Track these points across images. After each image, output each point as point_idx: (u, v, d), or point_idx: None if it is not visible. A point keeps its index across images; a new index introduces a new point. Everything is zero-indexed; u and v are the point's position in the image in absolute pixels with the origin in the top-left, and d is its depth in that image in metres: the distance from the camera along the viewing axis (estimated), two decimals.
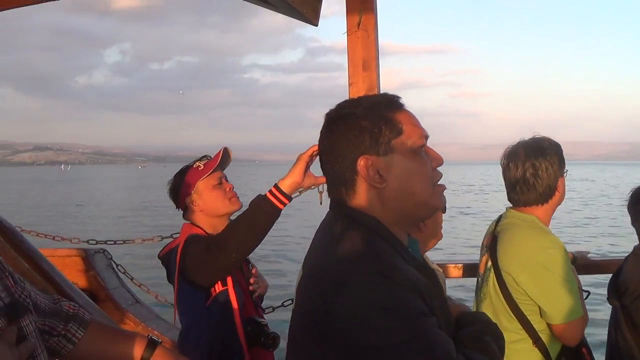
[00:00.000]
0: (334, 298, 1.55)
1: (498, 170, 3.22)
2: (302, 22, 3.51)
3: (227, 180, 3.36)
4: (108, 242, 5.82)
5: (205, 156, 3.38)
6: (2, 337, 1.51)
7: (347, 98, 2.13)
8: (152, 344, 2.01)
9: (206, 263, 2.99)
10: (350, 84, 3.33)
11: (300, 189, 3.00)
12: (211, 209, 3.28)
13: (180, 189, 3.34)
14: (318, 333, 1.59)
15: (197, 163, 3.33)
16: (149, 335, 2.07)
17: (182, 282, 3.10)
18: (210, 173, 3.28)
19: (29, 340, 1.63)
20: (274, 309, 4.75)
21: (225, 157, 3.34)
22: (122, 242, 6.08)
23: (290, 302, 4.93)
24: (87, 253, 4.97)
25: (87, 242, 5.87)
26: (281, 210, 2.90)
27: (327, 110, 1.84)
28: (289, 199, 2.90)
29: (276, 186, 2.87)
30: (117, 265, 5.30)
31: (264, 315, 3.44)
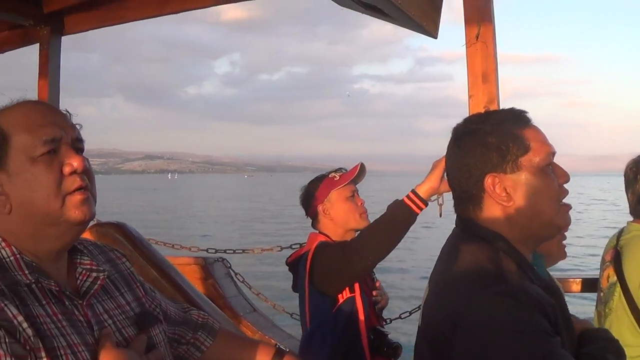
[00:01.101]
0: (459, 316, 1.57)
1: (612, 182, 3.16)
2: (410, 32, 3.54)
3: (358, 195, 3.43)
4: (227, 251, 5.95)
5: (340, 168, 3.48)
6: (132, 346, 1.61)
7: (465, 110, 2.12)
8: (279, 353, 2.02)
9: (342, 265, 3.08)
10: (470, 97, 3.31)
11: (436, 196, 3.04)
12: (341, 220, 3.35)
13: (313, 197, 3.42)
14: (443, 349, 1.61)
15: (333, 174, 3.42)
16: (276, 344, 2.09)
17: (311, 287, 3.19)
18: (345, 185, 3.36)
19: (158, 350, 1.70)
20: (390, 320, 4.75)
21: (360, 172, 3.41)
22: (241, 251, 6.18)
23: (407, 314, 5.12)
24: (207, 262, 5.10)
25: (207, 250, 5.99)
26: (417, 215, 2.97)
27: (436, 121, 1.85)
28: (426, 204, 2.97)
29: (414, 191, 2.95)
30: (235, 274, 5.44)
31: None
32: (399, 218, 2.98)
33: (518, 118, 1.82)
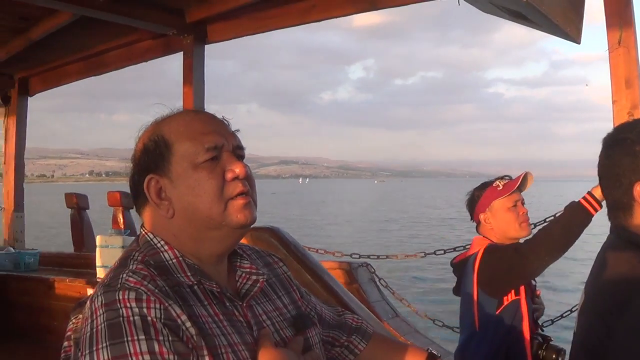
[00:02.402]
0: (615, 321, 1.58)
1: None
2: (544, 35, 3.50)
3: (522, 204, 3.44)
4: (371, 257, 5.99)
5: (505, 176, 3.50)
6: (290, 347, 1.64)
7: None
8: (431, 358, 1.99)
9: (514, 265, 3.13)
10: (613, 102, 3.30)
11: None
12: (501, 230, 3.39)
13: (476, 204, 3.48)
14: (599, 355, 1.62)
15: (497, 182, 3.44)
16: (428, 349, 2.09)
17: (477, 288, 3.23)
18: (508, 195, 3.38)
19: (314, 351, 1.73)
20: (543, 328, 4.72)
21: (524, 181, 3.41)
22: (385, 257, 6.26)
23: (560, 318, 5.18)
24: (351, 266, 5.18)
25: (351, 255, 6.08)
26: (593, 216, 2.97)
27: (573, 126, 1.86)
28: (601, 206, 2.94)
29: (590, 193, 2.94)
30: (379, 279, 5.49)
31: None
32: (575, 219, 3.01)
33: None
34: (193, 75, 5.45)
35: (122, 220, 6.89)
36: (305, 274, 3.97)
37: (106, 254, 5.59)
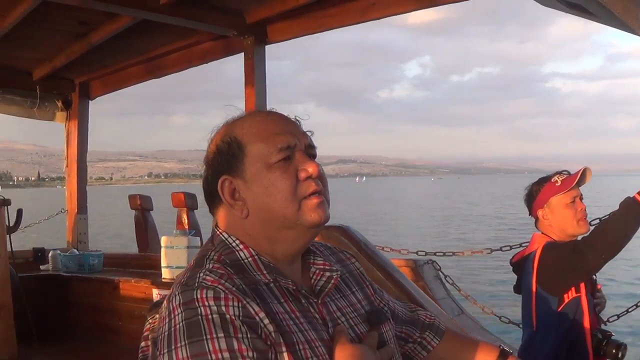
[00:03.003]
0: None
1: None
2: (598, 28, 3.47)
3: (581, 200, 3.41)
4: (437, 254, 6.02)
5: (563, 171, 3.46)
6: (365, 342, 1.65)
7: None
8: (503, 354, 2.00)
9: (573, 263, 3.12)
10: None
11: None
12: (559, 226, 3.37)
13: (534, 200, 3.46)
14: None
15: (555, 177, 3.41)
16: (500, 345, 2.08)
17: (537, 286, 3.23)
18: (566, 191, 3.35)
19: (389, 346, 1.74)
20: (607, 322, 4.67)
21: (583, 176, 3.38)
22: (451, 253, 6.26)
23: (615, 318, 5.15)
24: (417, 264, 5.18)
25: (417, 253, 6.10)
26: None
27: (631, 119, 1.84)
28: None
29: None
30: (445, 276, 5.48)
31: None
32: (631, 214, 3.00)
33: None
34: (255, 76, 5.51)
35: (186, 220, 7.00)
36: (376, 272, 3.97)
37: (171, 254, 5.67)
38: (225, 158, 1.64)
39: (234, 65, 6.34)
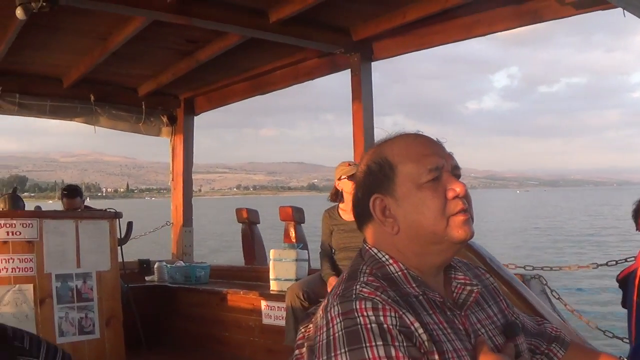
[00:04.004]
0: None
1: None
2: None
3: None
4: (544, 268, 6.01)
5: None
6: (504, 351, 1.75)
7: None
8: None
9: None
10: None
11: None
12: None
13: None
14: None
15: None
16: (621, 356, 2.14)
17: (638, 302, 3.25)
18: None
19: (524, 357, 1.83)
20: None
21: None
22: (558, 268, 6.26)
23: None
24: (524, 278, 5.19)
25: (524, 267, 6.12)
26: None
27: None
28: None
29: None
30: (551, 291, 5.46)
31: None
32: None
33: None
34: (362, 92, 5.63)
35: (294, 234, 7.13)
36: (502, 286, 4.01)
37: (280, 267, 5.85)
38: (376, 178, 1.76)
39: (324, 78, 6.49)
